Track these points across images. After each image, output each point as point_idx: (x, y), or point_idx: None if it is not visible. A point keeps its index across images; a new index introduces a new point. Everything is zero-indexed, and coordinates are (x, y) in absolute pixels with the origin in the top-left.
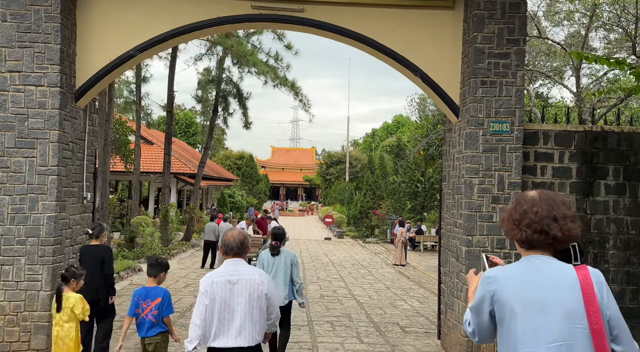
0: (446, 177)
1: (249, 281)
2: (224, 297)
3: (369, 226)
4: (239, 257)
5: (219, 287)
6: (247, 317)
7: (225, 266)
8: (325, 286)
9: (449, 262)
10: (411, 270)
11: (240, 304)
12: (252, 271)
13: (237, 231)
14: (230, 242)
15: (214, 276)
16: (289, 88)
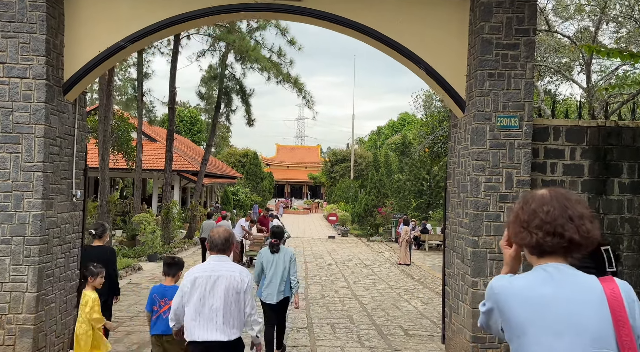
0: (451, 174)
1: (229, 278)
2: (204, 291)
3: (374, 225)
4: (223, 253)
5: (200, 281)
6: (225, 312)
7: (209, 261)
8: (327, 286)
9: (454, 263)
10: (416, 269)
11: (218, 298)
12: (234, 268)
13: (222, 228)
14: (215, 238)
15: (197, 271)
16: (292, 85)
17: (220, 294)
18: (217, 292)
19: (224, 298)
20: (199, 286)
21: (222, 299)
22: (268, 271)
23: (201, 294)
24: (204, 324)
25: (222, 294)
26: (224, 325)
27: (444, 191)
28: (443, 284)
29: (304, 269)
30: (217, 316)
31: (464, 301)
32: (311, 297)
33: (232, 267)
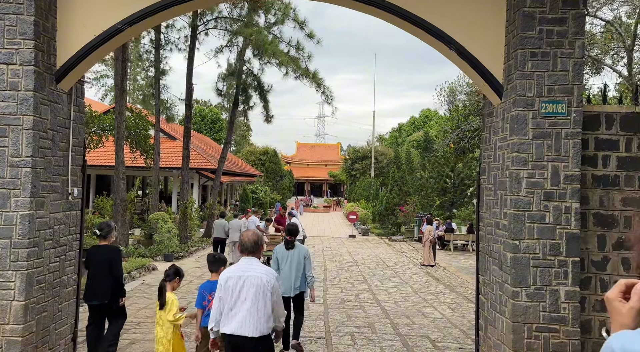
0: (485, 169)
1: (256, 279)
2: (235, 291)
3: (395, 223)
4: (253, 255)
5: (232, 281)
6: (252, 310)
7: (240, 263)
8: (347, 289)
9: (490, 270)
10: (441, 271)
11: (246, 297)
12: (262, 269)
13: (251, 231)
14: (245, 241)
15: (229, 272)
16: (310, 79)
17: (249, 293)
18: (246, 292)
19: (253, 297)
20: (230, 286)
21: (251, 298)
22: (283, 266)
23: (233, 293)
24: (233, 320)
25: (251, 294)
26: (251, 322)
27: (477, 188)
28: (477, 292)
29: (323, 270)
30: (245, 313)
31: (502, 313)
32: (330, 302)
33: (260, 268)
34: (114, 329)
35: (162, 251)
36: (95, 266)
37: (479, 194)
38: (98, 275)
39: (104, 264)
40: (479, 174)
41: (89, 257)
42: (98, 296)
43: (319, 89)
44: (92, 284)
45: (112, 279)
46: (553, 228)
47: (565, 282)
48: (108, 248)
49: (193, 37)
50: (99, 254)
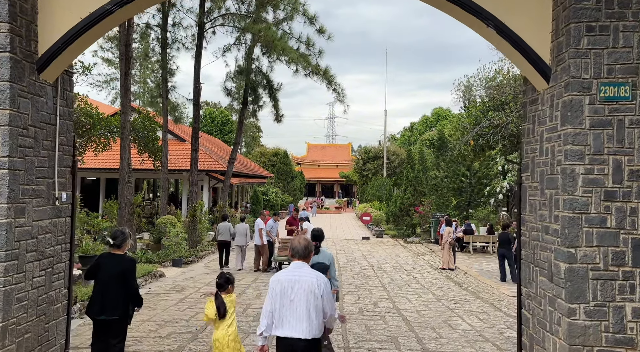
0: (529, 165)
1: (307, 282)
2: (286, 293)
3: (410, 224)
4: (304, 260)
5: (283, 285)
6: (305, 313)
7: (291, 267)
8: (364, 297)
9: (536, 282)
10: (462, 275)
11: (299, 301)
12: (312, 273)
13: (302, 237)
14: (296, 246)
15: (281, 275)
16: (321, 77)
17: (300, 297)
18: (298, 295)
19: (305, 300)
20: (282, 289)
21: (303, 301)
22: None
23: (285, 296)
24: (287, 323)
25: (302, 297)
26: (305, 324)
27: (518, 186)
28: (519, 306)
29: (337, 275)
30: (299, 316)
31: (554, 333)
32: (347, 312)
33: (311, 272)
34: (114, 349)
35: (171, 256)
36: (105, 276)
37: (520, 193)
38: (109, 287)
39: (117, 276)
40: (520, 171)
41: (99, 265)
42: (107, 311)
43: (329, 86)
44: (100, 297)
45: (124, 293)
46: (616, 233)
47: (632, 297)
48: (122, 258)
49: (200, 35)
50: (112, 264)
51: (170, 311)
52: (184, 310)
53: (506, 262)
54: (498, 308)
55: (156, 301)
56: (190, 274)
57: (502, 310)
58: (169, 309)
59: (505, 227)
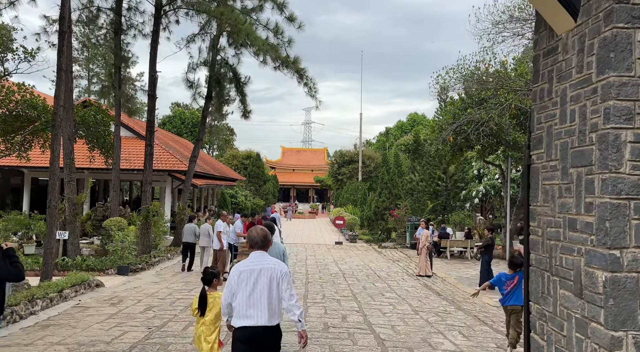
0: (542, 139)
1: (269, 270)
2: (249, 283)
3: (385, 229)
4: (263, 249)
5: (244, 275)
6: (267, 301)
7: (252, 257)
8: (331, 310)
9: (555, 297)
10: (440, 283)
11: (262, 289)
12: (274, 261)
13: (259, 227)
14: (254, 236)
15: (241, 266)
16: (291, 70)
17: (263, 285)
18: (260, 284)
19: (267, 288)
20: (244, 279)
21: (266, 289)
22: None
23: (247, 285)
24: (250, 312)
25: (265, 285)
26: (268, 312)
27: (525, 169)
28: (526, 329)
29: (304, 283)
30: (262, 304)
31: None
32: (310, 328)
33: (272, 261)
34: None
35: (116, 262)
36: None
37: (529, 178)
38: None
39: None
40: (528, 147)
41: None
42: None
43: (300, 80)
44: None
45: None
46: None
47: None
48: None
49: (157, 19)
50: None
51: (93, 330)
52: (110, 329)
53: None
54: (482, 321)
55: (80, 317)
56: (136, 283)
57: (487, 324)
58: (91, 328)
59: (491, 231)
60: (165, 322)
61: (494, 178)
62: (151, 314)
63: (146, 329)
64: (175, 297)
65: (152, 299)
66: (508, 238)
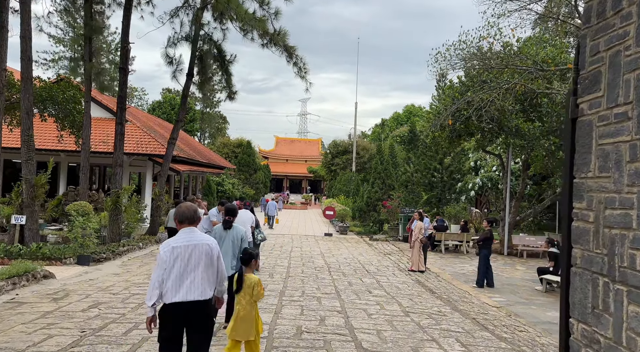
0: (600, 75)
1: (203, 246)
2: (182, 259)
3: (377, 221)
4: (193, 225)
5: (177, 251)
6: (202, 276)
7: (182, 234)
8: (310, 309)
9: (618, 315)
10: (433, 279)
11: (196, 265)
12: (206, 237)
13: (188, 203)
14: (184, 212)
15: (172, 242)
16: (280, 48)
17: (197, 260)
18: (194, 259)
19: (202, 263)
20: (178, 255)
21: (200, 264)
22: (220, 246)
23: (182, 261)
24: (183, 288)
25: (199, 260)
26: (201, 287)
27: (570, 125)
28: None
29: (284, 278)
30: (196, 279)
31: None
32: (278, 334)
33: (203, 236)
34: None
35: (76, 251)
36: None
37: (572, 138)
38: None
39: None
40: (574, 94)
41: None
42: None
43: (290, 59)
44: None
45: None
46: None
47: None
48: None
49: None
50: None
51: (12, 332)
52: (34, 331)
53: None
54: (483, 326)
55: (7, 316)
56: (94, 275)
57: (488, 329)
58: (12, 330)
59: (490, 223)
60: (106, 323)
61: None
62: (94, 312)
63: (79, 332)
64: (131, 292)
65: (104, 294)
66: (507, 231)
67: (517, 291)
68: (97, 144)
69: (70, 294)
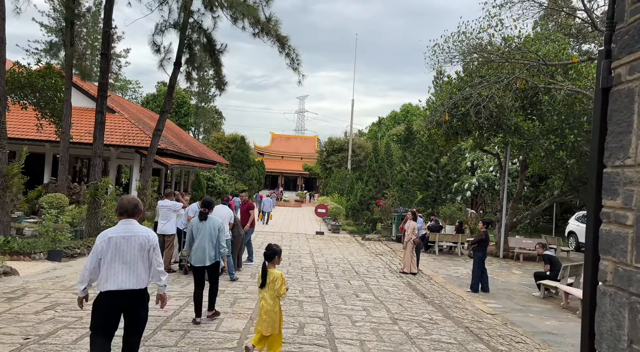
0: None
1: (140, 237)
2: (117, 249)
3: (370, 220)
4: (133, 217)
5: (114, 241)
6: (137, 266)
7: (120, 225)
8: (288, 315)
9: None
10: (425, 282)
11: (131, 255)
12: (144, 229)
13: (130, 196)
14: (125, 204)
15: (110, 232)
16: (272, 37)
17: (133, 251)
18: (130, 250)
19: (137, 254)
20: (112, 245)
21: (135, 255)
22: (197, 237)
23: (116, 251)
24: (118, 277)
25: (134, 251)
26: (136, 277)
27: (600, 96)
28: None
29: None
30: (131, 269)
31: None
32: None
33: (142, 229)
34: None
35: (47, 245)
36: None
37: (603, 112)
38: None
39: None
40: (607, 56)
41: None
42: None
43: (282, 50)
44: None
45: None
46: None
47: None
48: None
49: None
50: None
51: None
52: None
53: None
54: (477, 336)
55: None
56: (62, 271)
57: (482, 339)
58: None
59: (487, 224)
60: (57, 328)
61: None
62: (48, 315)
63: (22, 339)
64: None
65: (66, 294)
66: (503, 233)
67: (514, 297)
68: (82, 135)
69: (29, 293)
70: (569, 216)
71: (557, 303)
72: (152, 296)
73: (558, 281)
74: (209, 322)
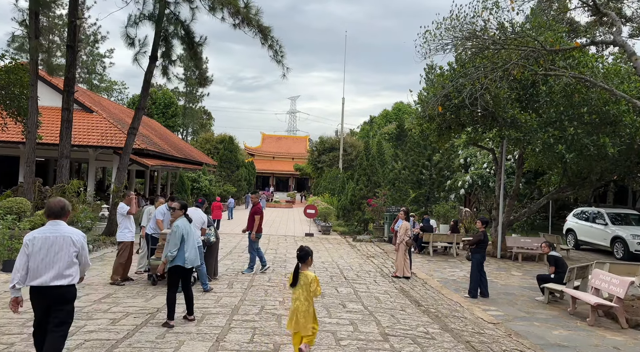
0: None
1: (66, 237)
2: (44, 248)
3: (362, 220)
4: (60, 219)
5: (40, 241)
6: (63, 264)
7: (47, 225)
8: (263, 333)
9: None
10: (420, 287)
11: (57, 254)
12: (70, 229)
13: (58, 198)
14: (53, 206)
15: (36, 232)
16: (254, 28)
17: (58, 249)
18: (56, 248)
19: (63, 253)
20: (37, 244)
21: (64, 254)
22: (188, 239)
23: (44, 250)
24: (47, 273)
25: (60, 250)
26: (60, 273)
27: None
28: None
29: (245, 288)
30: (56, 266)
31: None
32: None
33: (69, 229)
34: None
35: (3, 255)
36: None
37: None
38: None
39: None
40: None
41: None
42: None
43: (265, 41)
44: None
45: None
46: None
47: None
48: None
49: None
50: None
51: None
52: None
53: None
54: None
55: None
56: None
57: None
58: None
59: (485, 223)
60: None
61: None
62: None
63: None
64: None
65: (4, 314)
66: (500, 232)
67: (516, 302)
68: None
69: None
70: (565, 213)
71: (564, 309)
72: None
73: (564, 284)
74: (165, 345)
